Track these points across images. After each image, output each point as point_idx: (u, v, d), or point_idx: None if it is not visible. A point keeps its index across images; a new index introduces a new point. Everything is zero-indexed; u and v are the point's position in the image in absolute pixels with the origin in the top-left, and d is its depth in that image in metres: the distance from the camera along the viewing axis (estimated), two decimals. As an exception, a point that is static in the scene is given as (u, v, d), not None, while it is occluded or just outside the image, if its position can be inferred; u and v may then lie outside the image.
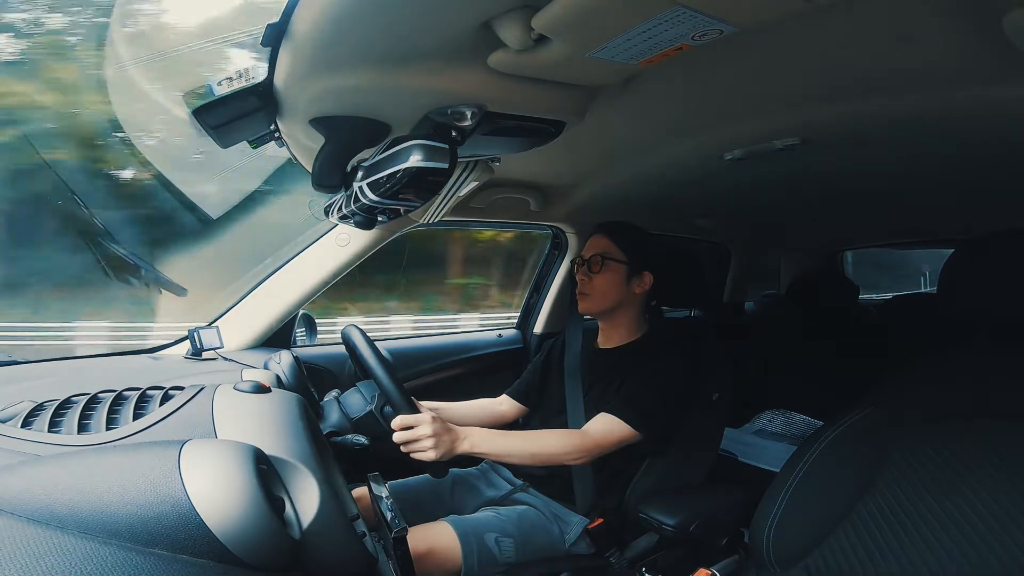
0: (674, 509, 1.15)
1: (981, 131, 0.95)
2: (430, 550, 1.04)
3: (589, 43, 0.62)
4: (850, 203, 1.68)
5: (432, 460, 0.97)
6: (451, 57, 0.69)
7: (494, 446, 1.05)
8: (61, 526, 0.41)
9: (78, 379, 0.95)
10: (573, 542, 1.17)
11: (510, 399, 1.43)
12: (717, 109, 0.96)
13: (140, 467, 0.46)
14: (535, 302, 1.93)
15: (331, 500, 0.62)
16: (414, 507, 1.19)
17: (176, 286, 1.53)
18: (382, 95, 0.78)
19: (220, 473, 0.46)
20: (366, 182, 0.84)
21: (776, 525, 0.91)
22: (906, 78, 0.79)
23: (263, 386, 0.75)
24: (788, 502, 0.91)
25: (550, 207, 1.58)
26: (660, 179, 1.38)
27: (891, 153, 1.12)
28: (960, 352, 0.88)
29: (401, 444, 0.98)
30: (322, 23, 0.61)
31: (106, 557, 0.41)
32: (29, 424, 0.63)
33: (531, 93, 0.78)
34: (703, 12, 0.55)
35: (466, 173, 1.10)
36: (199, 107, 0.77)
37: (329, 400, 1.12)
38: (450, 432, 1.00)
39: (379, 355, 1.01)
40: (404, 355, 1.66)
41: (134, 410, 0.67)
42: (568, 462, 1.12)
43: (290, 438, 0.66)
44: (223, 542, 0.44)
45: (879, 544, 0.80)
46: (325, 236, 1.40)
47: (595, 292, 1.26)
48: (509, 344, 1.91)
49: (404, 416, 0.98)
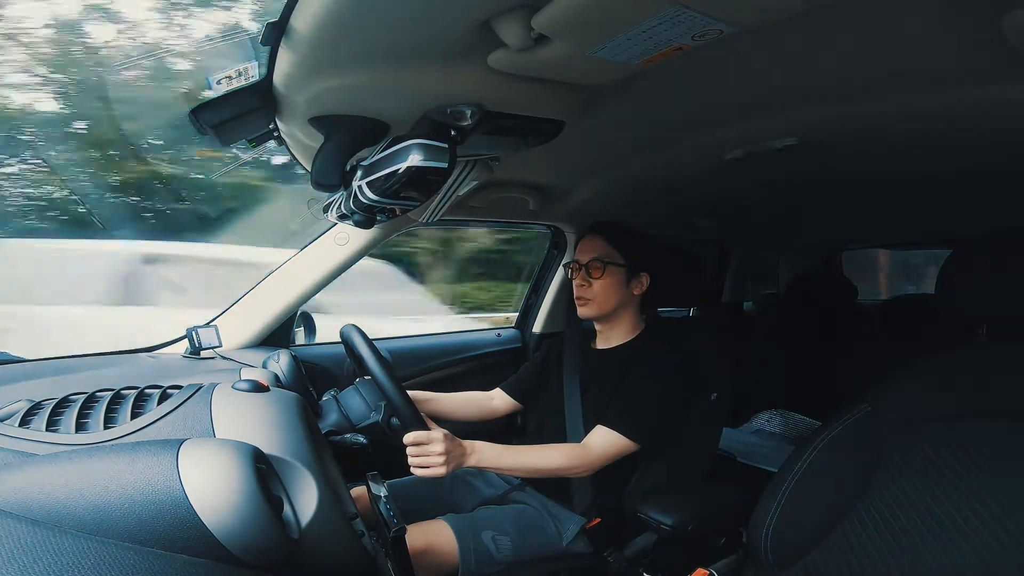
0: (672, 508, 1.15)
1: (981, 131, 0.95)
2: (427, 548, 1.04)
3: (589, 43, 0.62)
4: (849, 203, 1.68)
5: (441, 476, 0.97)
6: (451, 56, 0.69)
7: (501, 461, 1.07)
8: (59, 525, 0.41)
9: (76, 378, 0.95)
10: (570, 541, 1.17)
11: (503, 394, 1.43)
12: (717, 109, 0.96)
13: (138, 466, 0.45)
14: (534, 302, 1.93)
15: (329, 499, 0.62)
16: (412, 506, 1.19)
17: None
18: (381, 94, 0.78)
19: (218, 472, 0.46)
20: (365, 181, 0.84)
21: (774, 525, 0.91)
22: (906, 78, 0.79)
23: (261, 385, 0.75)
24: (786, 502, 0.91)
25: (549, 207, 1.58)
26: (660, 179, 1.38)
27: (891, 153, 1.12)
28: (959, 352, 0.88)
29: (412, 459, 0.98)
30: (322, 22, 0.61)
31: (104, 556, 0.41)
32: (27, 423, 0.63)
33: (531, 93, 0.78)
34: (703, 12, 0.55)
35: (465, 172, 1.10)
36: (198, 106, 0.77)
37: (328, 399, 1.12)
38: (459, 447, 1.01)
39: (381, 359, 1.01)
40: (403, 354, 1.66)
41: (132, 409, 0.67)
42: (571, 475, 1.15)
43: (289, 437, 0.66)
44: (221, 541, 0.44)
45: (877, 544, 0.80)
46: (324, 235, 1.40)
47: (596, 298, 1.25)
48: (508, 344, 1.91)
49: (417, 433, 0.98)
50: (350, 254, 1.41)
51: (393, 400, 0.99)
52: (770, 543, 0.91)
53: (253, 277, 1.39)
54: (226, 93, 0.76)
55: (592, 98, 0.84)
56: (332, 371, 1.48)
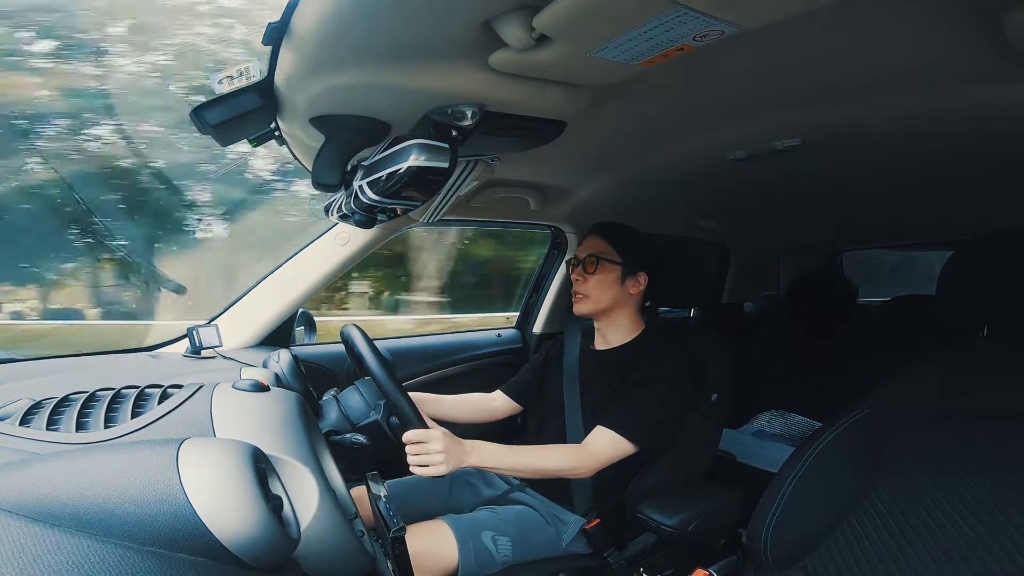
0: (672, 509, 1.15)
1: (981, 132, 0.94)
2: (427, 548, 1.04)
3: (590, 43, 0.62)
4: (851, 204, 1.68)
5: (441, 475, 0.97)
6: (452, 56, 0.69)
7: (501, 461, 1.06)
8: (59, 524, 0.41)
9: (76, 377, 0.95)
10: (570, 542, 1.17)
11: (504, 395, 1.43)
12: (718, 110, 0.96)
13: (138, 466, 0.45)
14: (534, 302, 1.93)
15: (329, 499, 0.62)
16: (413, 506, 1.19)
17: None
18: (382, 94, 0.78)
19: (218, 472, 0.46)
20: (366, 181, 0.84)
21: (774, 526, 0.91)
22: (907, 78, 0.79)
23: (262, 385, 0.75)
24: (786, 503, 0.91)
25: (550, 207, 1.58)
26: (661, 179, 1.38)
27: (892, 154, 1.12)
28: (960, 352, 0.88)
29: (411, 457, 0.98)
30: (323, 22, 0.61)
31: (104, 555, 0.41)
32: (27, 422, 0.63)
33: (532, 93, 0.77)
34: (705, 13, 0.55)
35: (466, 172, 1.10)
36: (199, 105, 0.77)
37: (328, 399, 1.11)
38: (459, 446, 1.00)
39: (381, 358, 1.00)
40: (403, 354, 1.66)
41: (132, 408, 0.67)
42: (571, 476, 1.15)
43: (289, 437, 0.67)
44: (221, 541, 0.44)
45: (877, 545, 0.80)
46: (325, 235, 1.40)
47: (591, 293, 1.26)
48: (508, 344, 1.91)
49: (415, 432, 0.97)
50: (351, 254, 1.41)
51: (392, 398, 0.98)
52: (770, 544, 0.91)
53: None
54: (227, 93, 0.76)
55: (594, 98, 0.83)
56: (332, 371, 1.49)
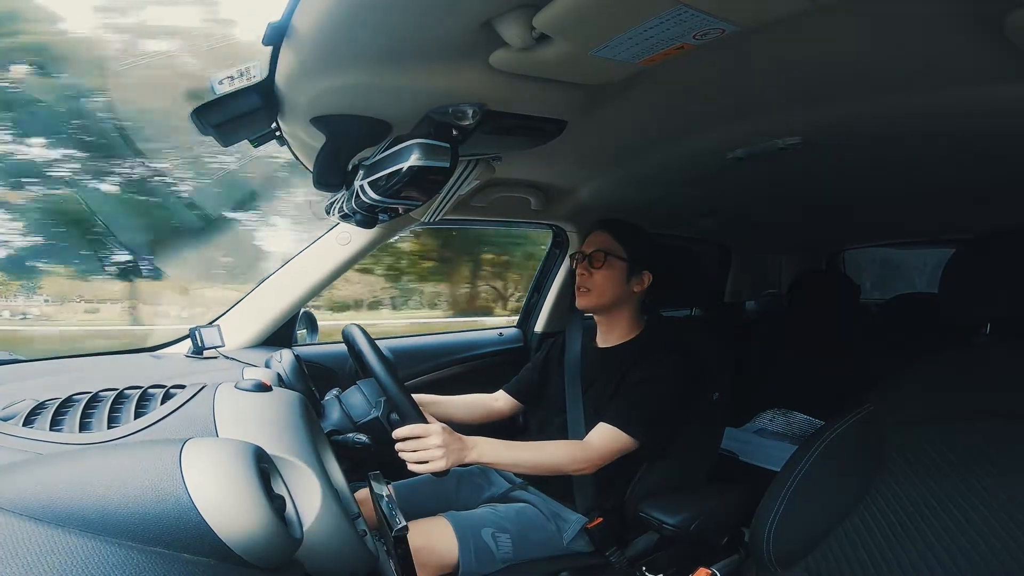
0: (674, 508, 1.15)
1: (982, 131, 0.94)
2: (427, 545, 1.04)
3: (590, 42, 0.62)
4: (851, 202, 1.68)
5: (440, 470, 0.96)
6: (452, 56, 0.69)
7: (501, 456, 1.06)
8: (62, 525, 0.41)
9: (79, 378, 0.95)
10: (571, 540, 1.17)
11: (506, 395, 1.43)
12: (718, 109, 0.96)
13: (141, 466, 0.46)
14: (536, 301, 1.93)
15: (332, 499, 0.62)
16: (416, 506, 1.19)
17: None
18: (383, 94, 0.78)
19: (221, 472, 0.46)
20: (367, 181, 0.84)
21: (776, 524, 0.91)
22: (907, 78, 0.79)
23: (264, 385, 0.75)
24: (788, 502, 0.91)
25: (551, 206, 1.58)
26: (661, 178, 1.38)
27: (892, 153, 1.12)
28: (961, 352, 0.88)
29: (410, 453, 0.97)
30: (323, 22, 0.61)
31: (107, 556, 0.41)
32: (31, 423, 0.63)
33: (532, 92, 0.78)
34: (705, 11, 0.55)
35: (467, 172, 1.10)
36: (200, 106, 0.77)
37: (330, 399, 1.12)
38: (459, 441, 1.00)
39: (383, 357, 1.01)
40: (405, 353, 1.66)
41: (135, 409, 0.67)
42: (572, 472, 1.14)
43: (291, 437, 0.67)
44: (224, 541, 0.44)
45: (879, 544, 0.80)
46: (326, 235, 1.40)
47: (595, 288, 1.26)
48: (510, 343, 1.91)
49: (413, 427, 0.97)
50: (352, 254, 1.41)
51: (392, 394, 0.98)
52: (772, 543, 0.90)
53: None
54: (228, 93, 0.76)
55: (594, 97, 0.83)
56: (334, 371, 1.49)
